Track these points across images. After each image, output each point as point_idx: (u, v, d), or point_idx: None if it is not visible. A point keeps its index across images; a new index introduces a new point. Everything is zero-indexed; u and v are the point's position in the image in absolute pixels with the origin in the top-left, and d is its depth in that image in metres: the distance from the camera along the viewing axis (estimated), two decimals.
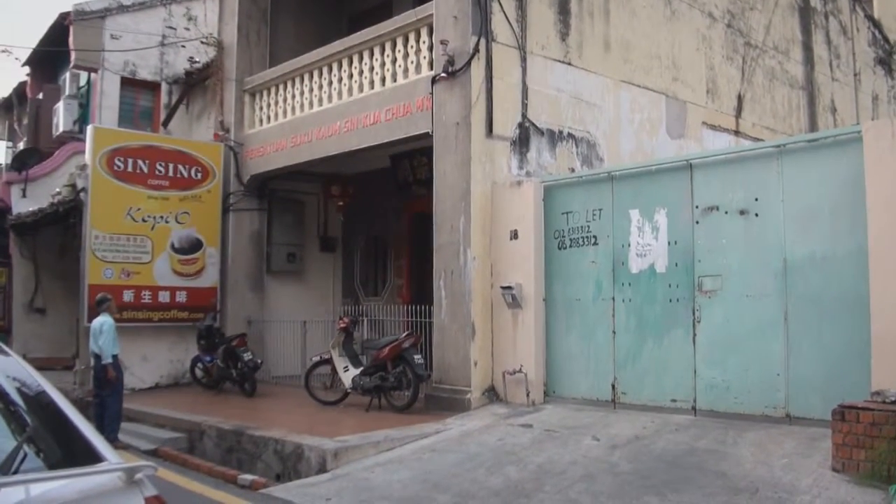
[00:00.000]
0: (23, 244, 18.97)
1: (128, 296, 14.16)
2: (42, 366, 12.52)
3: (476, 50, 10.71)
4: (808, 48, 17.86)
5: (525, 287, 10.38)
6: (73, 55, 19.39)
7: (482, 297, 10.64)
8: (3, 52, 24.20)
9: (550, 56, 11.73)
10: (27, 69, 23.95)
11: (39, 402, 3.32)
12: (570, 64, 12.02)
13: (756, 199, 8.71)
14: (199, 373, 14.26)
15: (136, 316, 14.30)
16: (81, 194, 14.30)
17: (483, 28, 10.78)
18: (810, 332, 8.16)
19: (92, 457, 2.91)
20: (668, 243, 9.40)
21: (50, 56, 21.66)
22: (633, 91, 13.06)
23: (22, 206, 18.18)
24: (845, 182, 7.99)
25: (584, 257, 10.20)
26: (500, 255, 10.75)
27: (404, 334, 11.24)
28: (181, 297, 14.82)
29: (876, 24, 20.88)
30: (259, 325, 15.19)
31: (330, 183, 16.10)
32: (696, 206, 9.19)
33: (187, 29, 18.86)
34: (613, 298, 9.84)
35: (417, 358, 10.81)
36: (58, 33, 20.18)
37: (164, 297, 14.64)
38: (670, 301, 9.29)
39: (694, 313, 9.03)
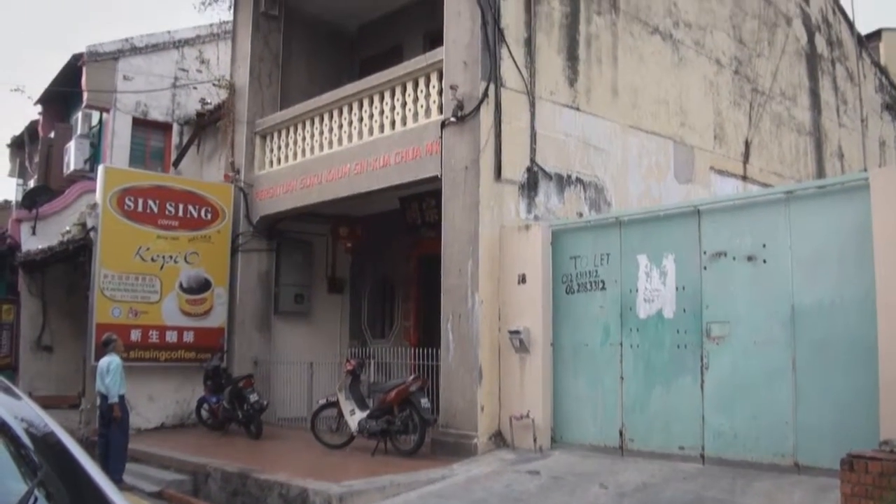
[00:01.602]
0: (31, 282, 19.04)
1: (135, 335, 14.16)
2: (48, 404, 12.54)
3: (485, 95, 10.81)
4: (815, 94, 17.97)
5: (533, 331, 10.37)
6: (85, 95, 19.65)
7: (490, 341, 10.62)
8: (16, 90, 24.51)
9: (559, 101, 11.83)
10: (39, 108, 24.23)
11: (50, 446, 3.33)
12: (578, 109, 12.12)
13: (764, 246, 8.71)
14: (204, 414, 14.20)
15: (143, 355, 14.28)
16: (91, 233, 14.37)
17: (492, 74, 10.88)
18: (819, 379, 8.11)
19: (101, 502, 2.90)
20: (676, 289, 9.39)
21: (62, 95, 21.94)
22: (640, 136, 13.14)
23: (31, 243, 18.28)
24: (853, 229, 8.00)
25: (592, 302, 10.19)
26: (507, 299, 10.75)
27: (411, 377, 11.21)
28: (188, 337, 14.82)
29: (882, 71, 21.03)
30: (266, 366, 15.16)
31: (339, 224, 16.15)
32: (704, 252, 9.20)
33: (199, 71, 19.08)
34: (621, 344, 9.82)
35: (424, 402, 10.77)
36: (71, 73, 20.46)
37: (171, 336, 14.63)
38: (678, 347, 9.26)
39: (702, 360, 9.00)
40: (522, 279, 10.58)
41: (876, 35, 22.91)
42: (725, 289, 8.98)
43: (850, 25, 19.32)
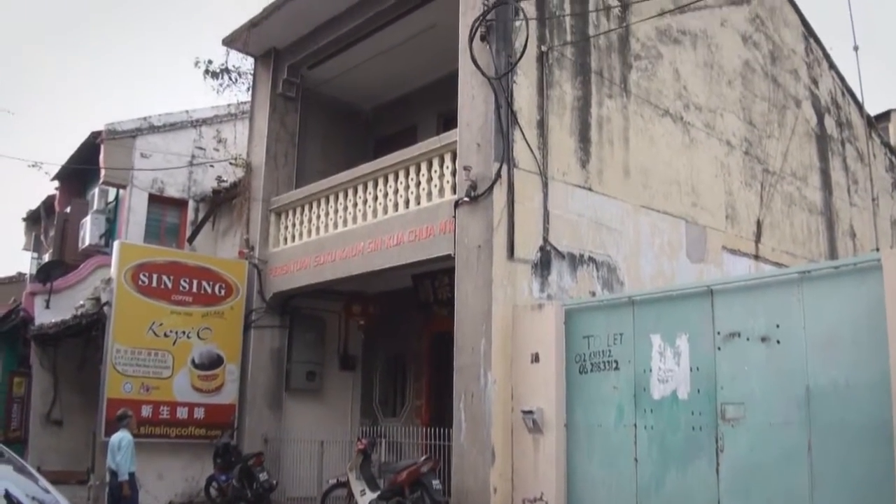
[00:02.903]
0: (44, 355, 19.08)
1: (146, 411, 14.11)
2: (56, 479, 12.45)
3: (498, 176, 10.94)
4: (825, 174, 18.09)
5: (546, 411, 10.28)
6: (102, 172, 19.95)
7: (502, 421, 10.54)
8: (34, 166, 24.89)
9: (571, 182, 11.96)
10: (56, 183, 24.59)
11: None
12: (590, 189, 12.24)
13: (777, 326, 8.66)
14: (213, 492, 14.07)
15: (154, 432, 14.21)
16: (105, 308, 14.46)
17: (505, 155, 11.04)
18: (835, 462, 7.99)
19: None
20: (690, 369, 9.32)
21: (79, 171, 22.30)
22: (652, 216, 13.22)
23: (45, 317, 18.37)
24: (866, 309, 7.96)
25: (606, 382, 10.12)
26: (520, 379, 10.70)
27: (423, 458, 11.12)
28: (199, 414, 14.75)
29: (892, 151, 21.17)
30: (276, 443, 15.04)
31: (352, 301, 16.21)
32: (718, 332, 9.15)
33: (216, 150, 19.43)
34: (635, 425, 9.71)
35: (436, 483, 10.66)
36: (89, 150, 20.83)
37: (182, 413, 14.57)
38: (693, 429, 9.16)
39: (717, 442, 8.89)
40: (535, 358, 10.55)
41: (885, 116, 23.14)
42: (740, 369, 8.90)
43: (860, 107, 19.54)
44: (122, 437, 10.98)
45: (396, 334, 16.16)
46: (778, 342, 8.63)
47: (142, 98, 67.75)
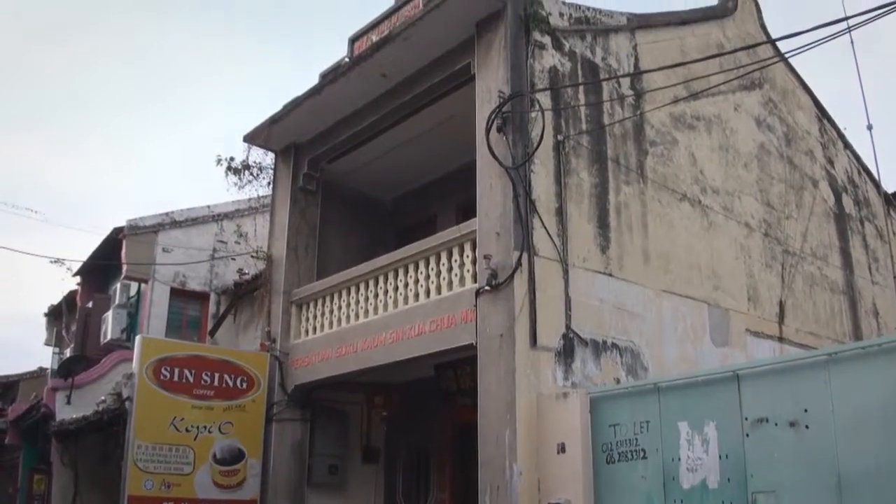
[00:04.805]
0: (64, 451, 18.95)
1: None
2: None
3: (518, 264, 10.96)
4: (846, 253, 18.06)
5: None
6: (124, 267, 20.17)
7: None
8: (56, 262, 25.13)
9: (592, 268, 11.97)
10: (78, 279, 24.84)
11: None
12: (611, 275, 12.23)
13: (805, 410, 8.50)
14: None
15: None
16: (126, 403, 14.41)
17: (525, 243, 11.08)
18: None
19: None
20: (719, 457, 9.13)
21: (101, 267, 22.54)
22: (674, 300, 13.18)
23: (66, 412, 18.33)
24: (894, 390, 7.85)
25: (634, 472, 9.92)
26: (547, 470, 10.51)
27: None
28: None
29: None
30: None
31: (374, 392, 16.09)
32: (746, 418, 9.00)
33: (237, 243, 19.63)
34: None
35: None
36: (110, 246, 21.09)
37: None
38: None
39: None
40: (562, 448, 10.38)
41: None
42: (769, 456, 8.73)
43: (877, 185, 19.60)
44: None
45: (419, 425, 15.99)
46: (807, 427, 8.46)
47: (163, 195, 68.95)
